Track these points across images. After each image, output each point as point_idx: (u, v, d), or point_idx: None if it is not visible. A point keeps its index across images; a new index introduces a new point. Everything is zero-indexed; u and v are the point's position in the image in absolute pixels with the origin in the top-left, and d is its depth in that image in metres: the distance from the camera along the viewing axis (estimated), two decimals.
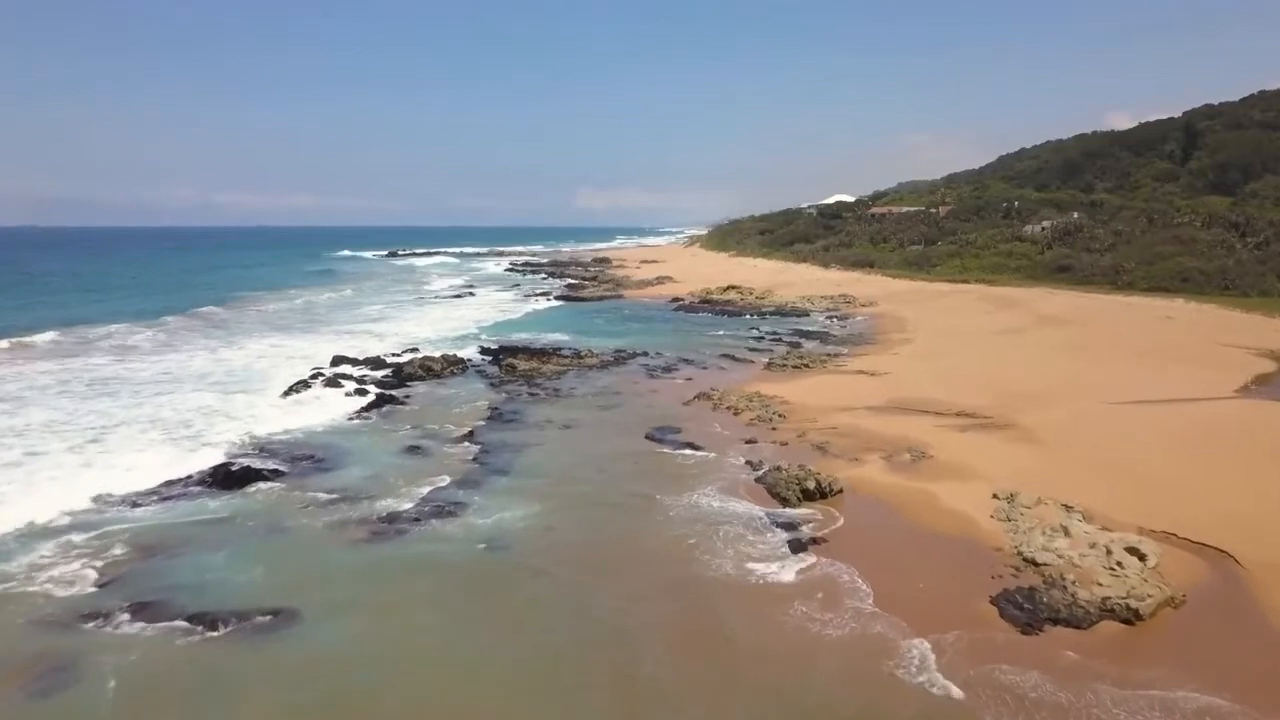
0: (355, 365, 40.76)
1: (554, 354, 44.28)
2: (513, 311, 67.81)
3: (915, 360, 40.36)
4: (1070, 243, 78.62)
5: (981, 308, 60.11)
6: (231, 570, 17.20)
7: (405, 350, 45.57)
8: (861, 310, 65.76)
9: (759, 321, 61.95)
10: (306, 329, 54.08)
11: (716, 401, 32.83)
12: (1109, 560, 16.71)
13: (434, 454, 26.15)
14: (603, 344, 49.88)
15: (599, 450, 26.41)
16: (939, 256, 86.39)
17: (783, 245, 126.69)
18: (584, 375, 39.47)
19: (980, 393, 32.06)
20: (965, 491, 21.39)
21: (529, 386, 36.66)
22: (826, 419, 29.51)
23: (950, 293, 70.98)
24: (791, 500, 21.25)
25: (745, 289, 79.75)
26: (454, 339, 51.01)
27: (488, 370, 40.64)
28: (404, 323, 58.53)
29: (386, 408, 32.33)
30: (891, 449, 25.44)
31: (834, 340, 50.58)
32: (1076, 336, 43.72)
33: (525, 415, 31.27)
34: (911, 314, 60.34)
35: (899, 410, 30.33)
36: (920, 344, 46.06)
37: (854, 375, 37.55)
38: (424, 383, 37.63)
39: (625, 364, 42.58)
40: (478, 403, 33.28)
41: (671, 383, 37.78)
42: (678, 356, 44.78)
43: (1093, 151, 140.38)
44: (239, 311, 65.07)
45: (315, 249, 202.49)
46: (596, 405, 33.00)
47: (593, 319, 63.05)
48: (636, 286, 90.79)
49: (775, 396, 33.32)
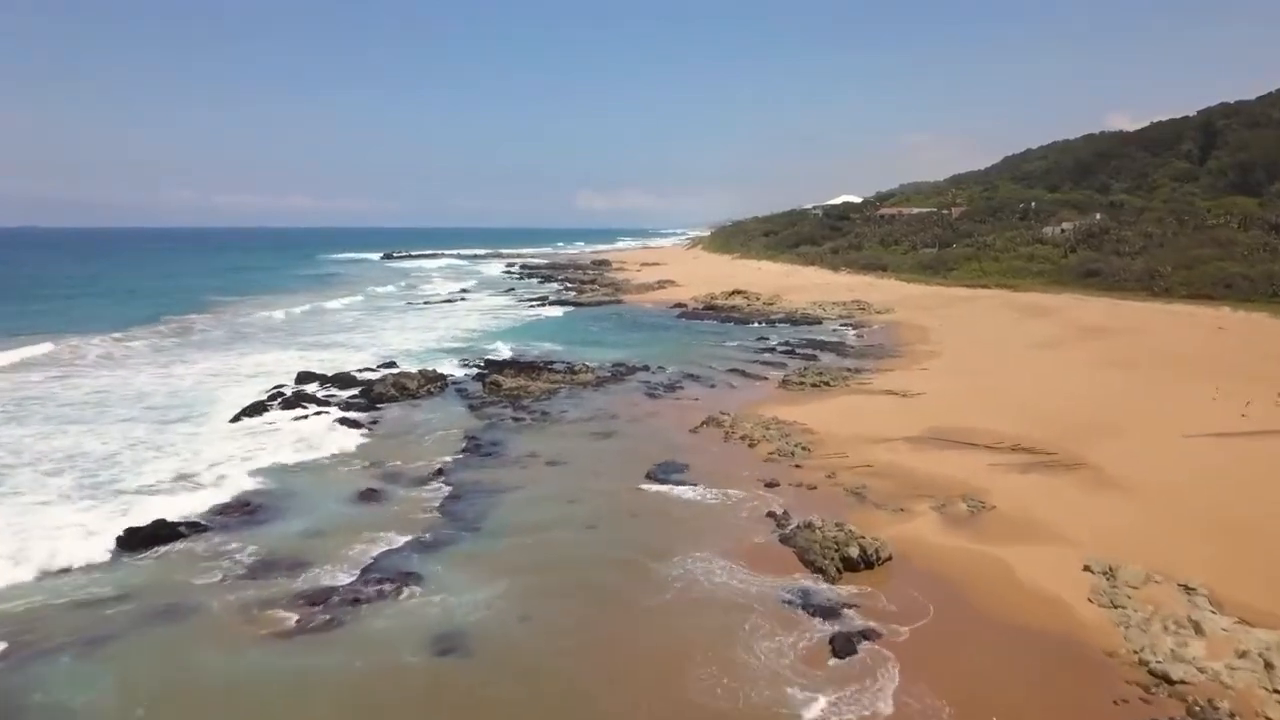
0: (322, 384, 36.46)
1: (545, 369, 39.97)
2: (504, 318, 63.50)
3: (948, 378, 35.99)
4: (1096, 245, 74.23)
5: (1008, 316, 55.72)
6: (66, 689, 12.78)
7: (382, 365, 41.28)
8: (877, 318, 61.39)
9: (768, 330, 57.58)
10: (278, 340, 49.75)
11: (728, 429, 28.49)
12: (1273, 679, 12.37)
13: (392, 500, 21.84)
14: (599, 356, 45.60)
15: (590, 495, 22.09)
16: (955, 260, 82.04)
17: (788, 247, 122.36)
18: (577, 395, 35.14)
19: (1033, 420, 27.70)
20: (1047, 560, 17.05)
21: (514, 409, 32.33)
22: (859, 453, 25.17)
23: (970, 299, 66.59)
24: (829, 571, 16.91)
25: (752, 294, 75.40)
26: (437, 351, 46.69)
27: (470, 388, 36.31)
28: (385, 332, 54.18)
29: (348, 436, 27.98)
30: (943, 495, 21.11)
31: (852, 353, 46.22)
32: (1124, 350, 39.34)
33: (506, 447, 26.94)
34: (933, 322, 55.96)
35: (942, 442, 25.98)
36: (950, 358, 41.69)
37: (882, 396, 33.19)
38: (396, 404, 33.31)
39: (624, 380, 38.26)
40: (453, 430, 28.96)
41: (676, 404, 33.45)
42: (682, 371, 40.47)
43: (1105, 151, 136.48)
44: (214, 318, 60.76)
45: (310, 251, 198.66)
46: (590, 434, 28.66)
47: (589, 327, 58.75)
48: (637, 291, 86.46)
49: (795, 423, 28.99)
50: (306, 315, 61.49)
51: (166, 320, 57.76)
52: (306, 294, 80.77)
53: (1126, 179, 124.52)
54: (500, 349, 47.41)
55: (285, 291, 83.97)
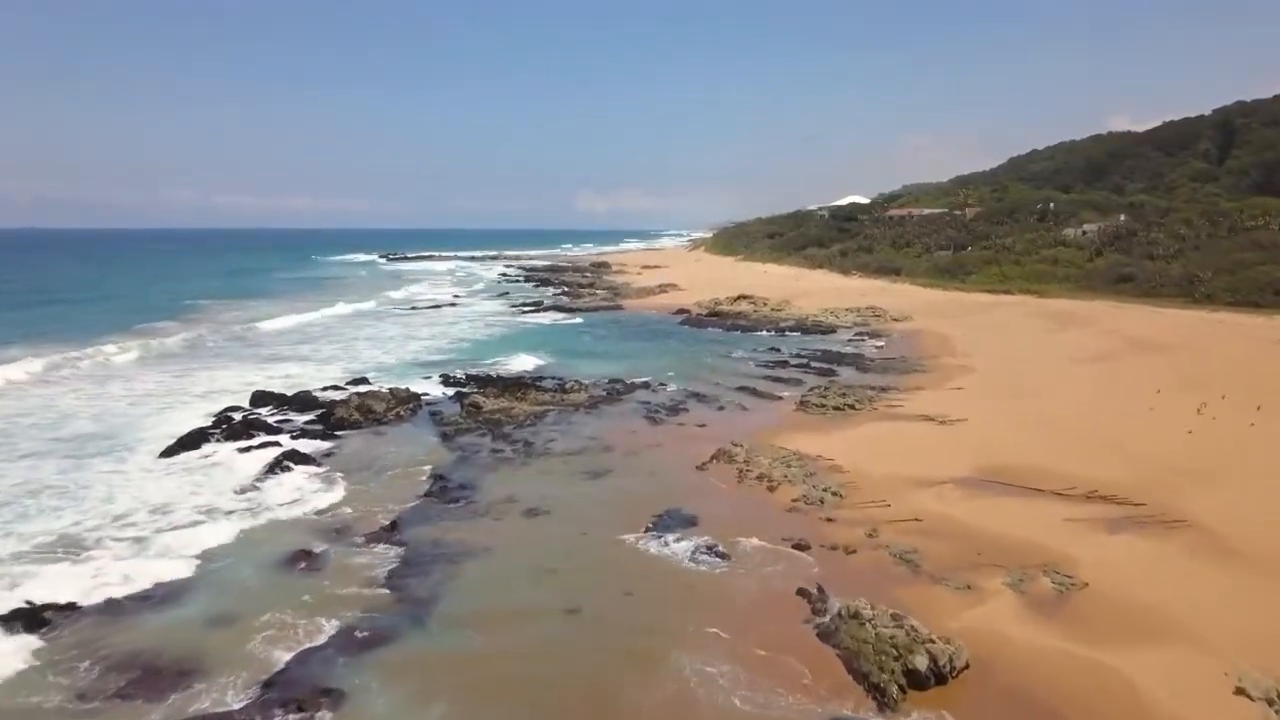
0: (279, 406, 32.18)
1: (532, 386, 35.69)
2: (495, 326, 59.21)
3: (989, 400, 31.66)
4: (1125, 248, 69.88)
5: (1040, 325, 51.38)
6: None
7: (352, 382, 37.00)
8: (895, 326, 57.08)
9: (778, 339, 53.32)
10: (243, 352, 45.45)
11: (743, 465, 24.19)
12: None
13: (329, 568, 17.56)
14: (594, 370, 41.38)
15: (575, 561, 17.83)
16: (973, 263, 77.72)
17: (794, 249, 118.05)
18: (567, 419, 30.85)
19: (1104, 457, 23.39)
20: (1179, 673, 12.76)
21: (494, 438, 28.05)
22: (902, 500, 20.87)
23: (994, 305, 62.26)
24: (889, 691, 12.61)
25: (758, 299, 71.15)
26: (416, 365, 42.42)
27: (446, 411, 32.03)
28: (363, 343, 49.81)
29: (293, 476, 23.70)
30: (1017, 564, 16.81)
31: (873, 367, 41.90)
32: (1185, 367, 34.99)
33: (479, 489, 22.66)
34: (957, 331, 51.65)
35: (999, 486, 21.68)
36: (985, 375, 37.37)
37: (917, 423, 28.88)
38: (359, 432, 29.04)
39: (620, 400, 33.98)
40: (419, 467, 24.67)
41: (680, 431, 29.16)
42: (686, 389, 36.22)
43: (1119, 151, 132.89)
44: (184, 326, 56.36)
45: (305, 252, 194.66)
46: (579, 471, 24.35)
47: (585, 336, 54.51)
48: (637, 295, 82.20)
49: (820, 457, 24.72)
50: (281, 323, 57.17)
51: (134, 330, 53.38)
52: (288, 300, 76.53)
53: (1142, 179, 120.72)
54: (486, 362, 43.16)
55: (268, 297, 79.77)
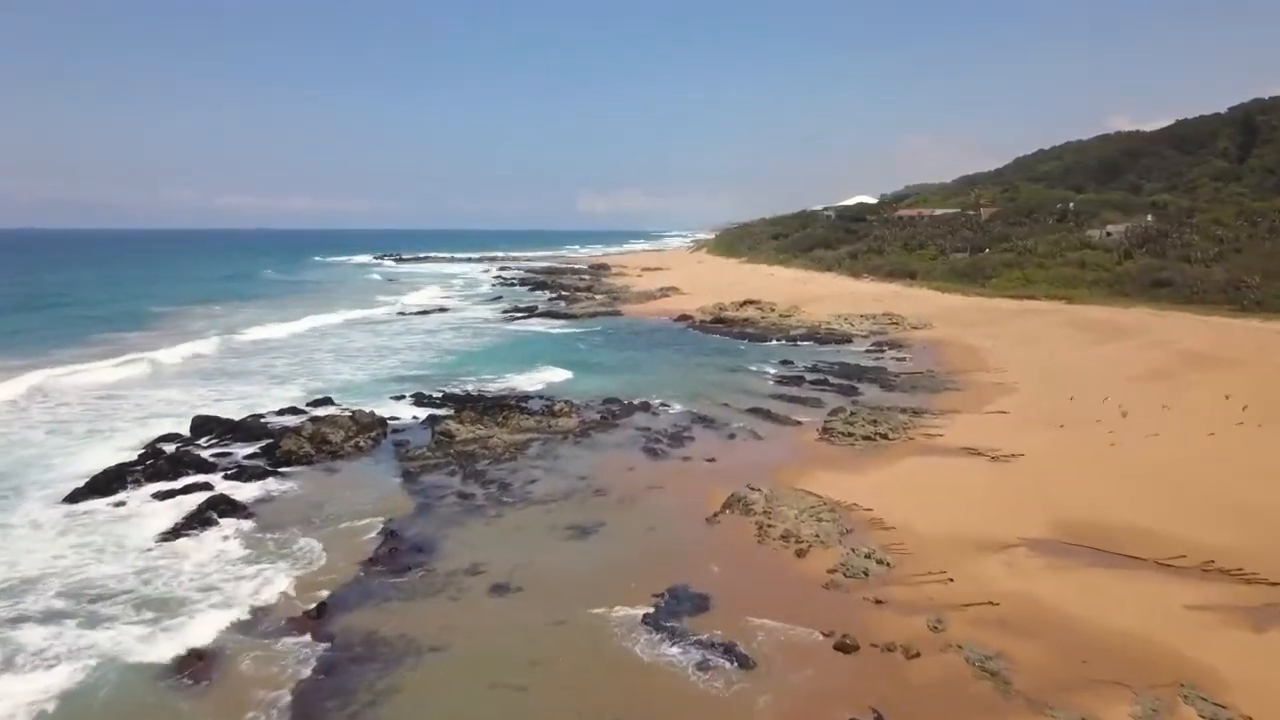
0: (221, 435, 27.83)
1: (515, 408, 31.34)
2: (483, 335, 54.88)
3: (1043, 429, 27.29)
4: (1157, 251, 65.49)
5: (1077, 336, 46.99)
6: None
7: (312, 402, 32.71)
8: (915, 335, 52.76)
9: (789, 349, 49.02)
10: (199, 366, 41.00)
11: (761, 517, 19.87)
12: None
13: (220, 678, 13.23)
14: (588, 386, 37.16)
15: (549, 669, 13.50)
16: (993, 266, 73.28)
17: (801, 251, 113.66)
18: (553, 451, 26.52)
19: (1208, 510, 19.03)
20: None
21: (464, 477, 23.73)
22: (965, 569, 16.55)
23: (1021, 312, 57.86)
24: None
25: (766, 304, 66.85)
26: (390, 381, 38.07)
27: (414, 440, 27.70)
28: (332, 355, 45.35)
29: (210, 535, 19.37)
30: (1143, 682, 12.48)
31: (899, 384, 37.56)
32: (1260, 388, 30.54)
33: (438, 552, 18.34)
34: (984, 342, 47.32)
35: (1086, 550, 17.35)
36: (1029, 395, 33.03)
37: (963, 458, 24.54)
38: (309, 468, 24.72)
39: (616, 426, 29.67)
40: (370, 519, 20.35)
41: (685, 467, 24.83)
42: (690, 411, 31.97)
43: (1134, 150, 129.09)
44: (147, 336, 52.15)
45: (301, 254, 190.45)
46: (562, 526, 20.00)
47: (580, 345, 50.21)
48: (637, 300, 77.88)
49: (856, 506, 20.43)
50: (248, 333, 52.79)
51: (88, 341, 48.96)
52: (267, 304, 72.22)
53: (1160, 179, 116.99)
54: (468, 377, 38.83)
55: (248, 301, 75.48)
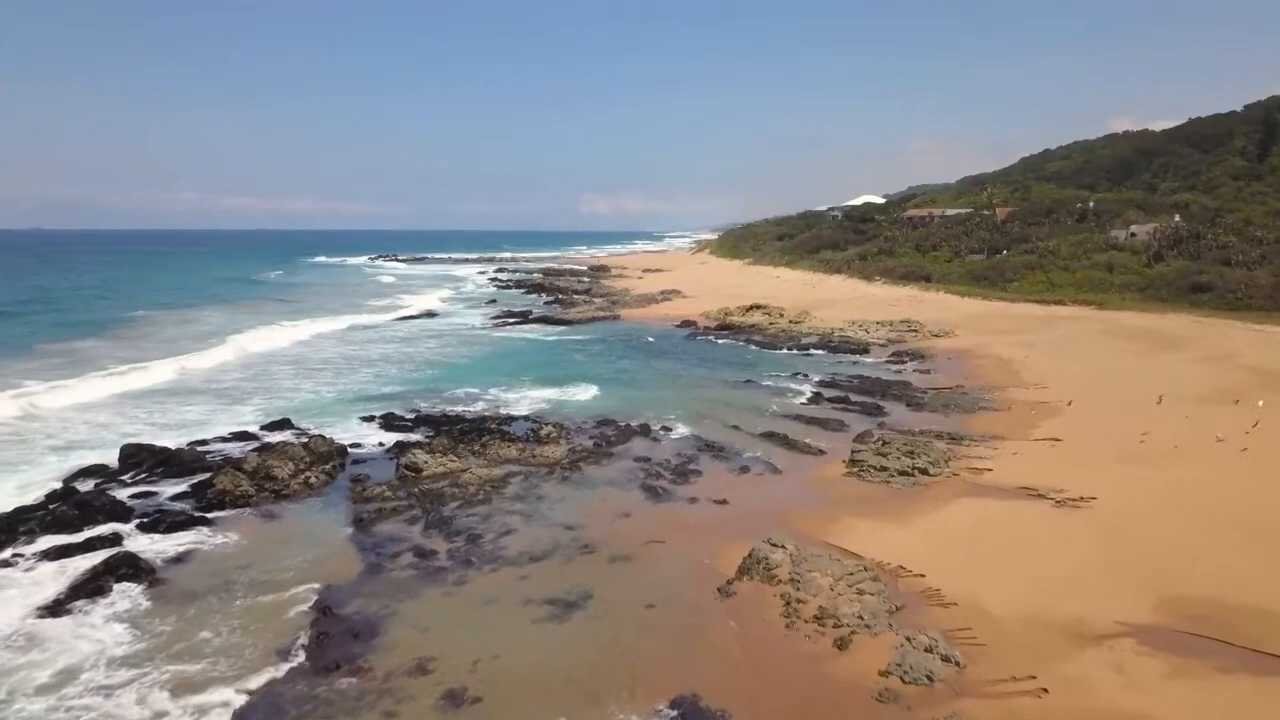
0: (152, 469, 23.92)
1: (495, 432, 27.47)
2: (471, 343, 50.94)
3: (1110, 463, 23.30)
4: (1190, 253, 61.50)
5: (1119, 346, 43.03)
6: None
7: (267, 425, 28.84)
8: (937, 344, 48.77)
9: (801, 359, 45.12)
10: (151, 380, 36.91)
11: (788, 587, 15.96)
12: None
13: None
14: (580, 403, 33.39)
15: None
16: (1014, 269, 69.26)
17: (807, 252, 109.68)
18: (535, 489, 22.60)
19: None
20: None
21: (426, 526, 19.83)
22: (1060, 677, 12.61)
23: (1049, 319, 53.91)
24: None
25: (774, 309, 62.97)
26: (360, 399, 34.11)
27: (374, 474, 23.78)
28: (296, 368, 41.27)
29: (98, 611, 15.48)
30: None
31: (928, 402, 33.59)
32: None
33: (380, 641, 14.42)
34: (1016, 352, 43.35)
35: (1215, 645, 13.41)
36: (1081, 418, 29.03)
37: (1023, 501, 20.59)
38: (245, 512, 20.83)
39: (610, 455, 25.76)
40: (304, 586, 16.43)
41: (691, 513, 20.92)
42: (695, 435, 28.14)
43: (1149, 149, 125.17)
44: (110, 344, 48.21)
45: (297, 254, 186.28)
46: (540, 599, 16.04)
47: (575, 355, 46.27)
48: (637, 304, 73.99)
49: (901, 568, 16.57)
50: (216, 340, 48.84)
51: (36, 350, 44.87)
52: (246, 310, 68.22)
53: (1177, 177, 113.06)
54: (449, 393, 34.90)
55: (222, 305, 71.51)
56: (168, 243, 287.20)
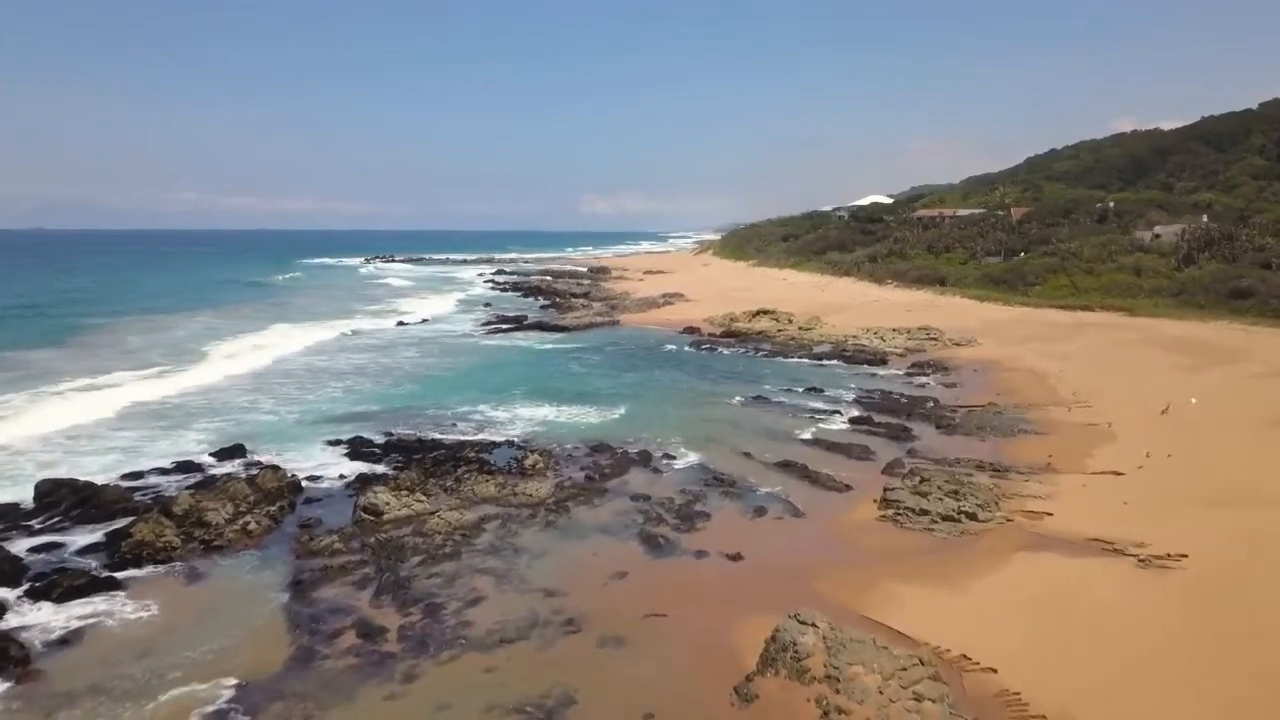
0: (68, 511, 20.53)
1: (474, 462, 24.09)
2: (459, 353, 47.48)
3: (1198, 506, 19.80)
4: (1225, 255, 57.97)
5: (1163, 358, 39.55)
6: None
7: (218, 452, 25.46)
8: (960, 354, 45.29)
9: (815, 371, 41.68)
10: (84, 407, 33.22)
11: (823, 688, 12.55)
12: None
13: None
14: (572, 425, 30.04)
15: None
16: (1034, 272, 65.75)
17: (814, 254, 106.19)
18: (512, 539, 19.15)
19: None
20: None
21: (378, 590, 16.38)
22: None
23: (1078, 326, 50.41)
24: None
25: (782, 315, 59.50)
26: (325, 420, 30.62)
27: (328, 518, 20.37)
28: (263, 383, 37.74)
29: None
30: None
31: (960, 424, 30.10)
32: None
33: None
34: (1049, 364, 39.91)
35: None
36: (1136, 441, 25.49)
37: (1096, 558, 17.12)
38: (162, 570, 17.42)
39: (604, 494, 22.33)
40: (204, 686, 13.00)
41: (698, 573, 17.46)
42: (701, 465, 24.78)
43: (1164, 148, 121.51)
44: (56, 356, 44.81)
45: (292, 255, 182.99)
46: (509, 708, 12.55)
47: (570, 366, 42.84)
48: (637, 308, 70.53)
49: (966, 660, 13.16)
50: (182, 350, 45.45)
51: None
52: (223, 314, 64.87)
53: (1194, 177, 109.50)
54: (425, 414, 31.45)
55: (205, 309, 68.16)
56: (167, 243, 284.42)
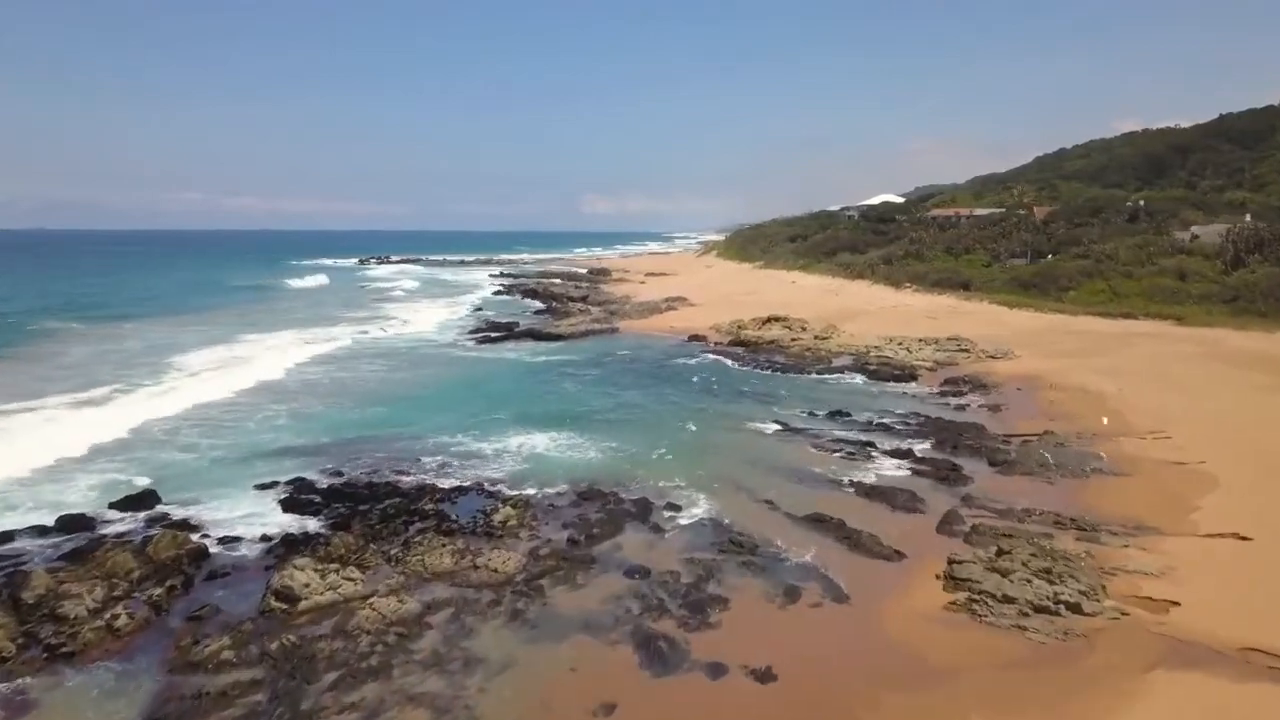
0: None
1: (432, 515, 19.42)
2: (434, 366, 42.71)
3: None
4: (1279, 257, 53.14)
5: (1233, 374, 34.78)
6: None
7: (121, 501, 20.80)
8: (997, 368, 40.43)
9: (837, 391, 36.93)
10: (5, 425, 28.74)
11: None
12: None
13: None
14: (560, 458, 25.38)
15: None
16: (1068, 276, 60.89)
17: (824, 255, 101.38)
18: (462, 639, 14.41)
19: None
20: None
21: None
22: None
23: (1125, 336, 45.59)
24: None
25: (794, 321, 54.83)
26: (264, 454, 25.81)
27: (230, 604, 15.68)
28: (201, 409, 33.11)
29: None
30: None
31: (1015, 458, 25.29)
32: None
33: None
34: (1102, 381, 35.13)
35: None
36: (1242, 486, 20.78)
37: (1261, 683, 12.38)
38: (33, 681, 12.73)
39: (588, 568, 17.61)
40: None
41: (712, 704, 12.70)
42: (714, 521, 20.14)
43: (1184, 145, 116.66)
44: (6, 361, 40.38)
45: (289, 256, 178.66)
46: None
47: (562, 384, 38.13)
48: (638, 314, 65.82)
49: None
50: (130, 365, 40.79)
51: None
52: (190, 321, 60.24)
53: (1219, 175, 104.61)
54: (386, 446, 26.74)
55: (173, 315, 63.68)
56: (167, 243, 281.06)
